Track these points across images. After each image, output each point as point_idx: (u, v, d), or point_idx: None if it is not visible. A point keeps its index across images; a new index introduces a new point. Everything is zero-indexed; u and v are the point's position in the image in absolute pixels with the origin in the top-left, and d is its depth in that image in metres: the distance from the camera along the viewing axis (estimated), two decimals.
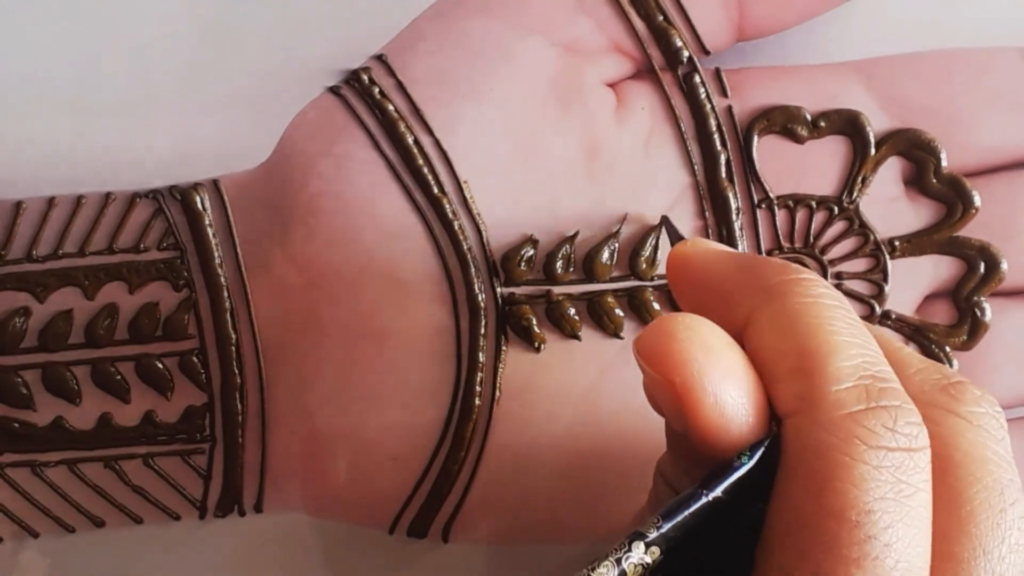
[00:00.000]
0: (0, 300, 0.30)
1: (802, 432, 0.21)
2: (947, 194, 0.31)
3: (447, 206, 0.30)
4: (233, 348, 0.30)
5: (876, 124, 0.31)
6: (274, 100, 0.31)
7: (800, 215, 0.31)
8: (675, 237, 0.29)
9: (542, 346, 0.30)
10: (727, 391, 0.22)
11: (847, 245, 0.31)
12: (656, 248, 0.31)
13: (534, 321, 0.30)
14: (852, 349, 0.22)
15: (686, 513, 0.21)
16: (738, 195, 0.31)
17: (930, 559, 0.21)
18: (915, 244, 0.31)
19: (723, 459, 0.22)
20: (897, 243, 0.31)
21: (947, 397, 0.23)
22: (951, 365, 0.31)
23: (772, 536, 0.21)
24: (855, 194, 0.31)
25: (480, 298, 0.30)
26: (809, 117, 0.31)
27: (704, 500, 0.21)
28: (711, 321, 0.23)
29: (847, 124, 0.31)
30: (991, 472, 0.22)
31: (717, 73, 0.31)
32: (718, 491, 0.21)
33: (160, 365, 0.30)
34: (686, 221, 0.31)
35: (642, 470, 0.30)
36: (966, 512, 0.22)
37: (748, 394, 0.22)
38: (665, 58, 0.31)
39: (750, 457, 0.21)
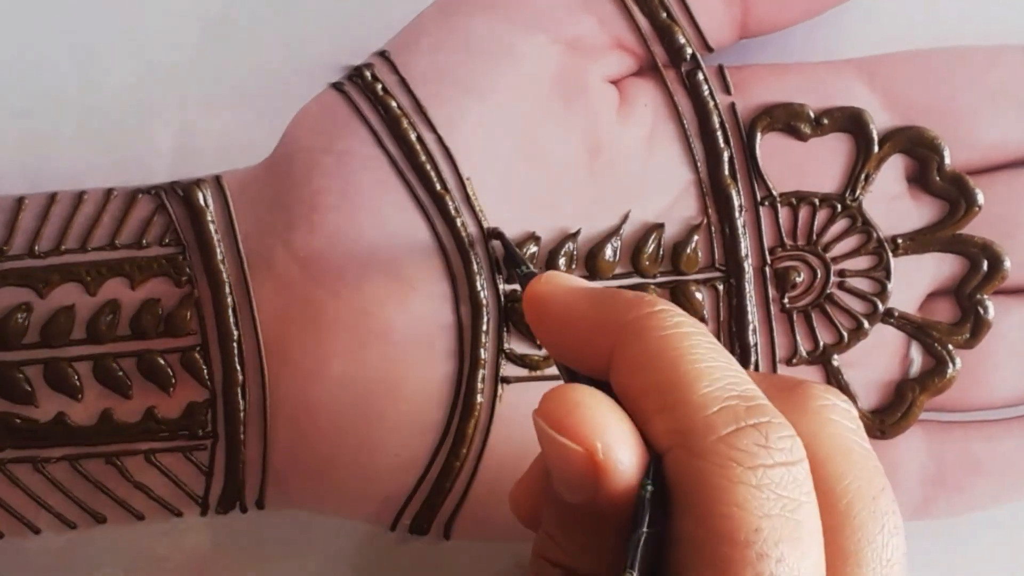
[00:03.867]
0: (2, 296, 0.30)
1: (681, 464, 0.21)
2: (950, 192, 0.31)
3: (450, 203, 0.30)
4: (235, 344, 0.30)
5: (879, 122, 0.31)
6: (277, 96, 0.31)
7: (803, 213, 0.31)
8: (514, 257, 0.28)
9: None
10: (627, 455, 0.21)
11: (850, 243, 0.31)
12: (659, 245, 0.31)
13: None
14: (715, 373, 0.22)
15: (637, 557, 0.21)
16: (741, 192, 0.31)
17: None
18: (918, 242, 0.31)
19: (627, 522, 0.21)
20: (900, 241, 0.31)
21: (796, 399, 0.23)
22: (954, 363, 0.31)
23: (673, 564, 0.21)
24: (858, 192, 0.31)
25: (482, 295, 0.30)
26: (812, 114, 0.31)
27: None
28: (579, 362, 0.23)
29: (850, 121, 0.31)
30: (857, 462, 0.22)
31: (720, 70, 0.31)
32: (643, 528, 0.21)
33: (162, 361, 0.30)
34: (688, 218, 0.31)
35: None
36: (844, 505, 0.22)
37: (638, 455, 0.22)
38: (668, 55, 0.31)
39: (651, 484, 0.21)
